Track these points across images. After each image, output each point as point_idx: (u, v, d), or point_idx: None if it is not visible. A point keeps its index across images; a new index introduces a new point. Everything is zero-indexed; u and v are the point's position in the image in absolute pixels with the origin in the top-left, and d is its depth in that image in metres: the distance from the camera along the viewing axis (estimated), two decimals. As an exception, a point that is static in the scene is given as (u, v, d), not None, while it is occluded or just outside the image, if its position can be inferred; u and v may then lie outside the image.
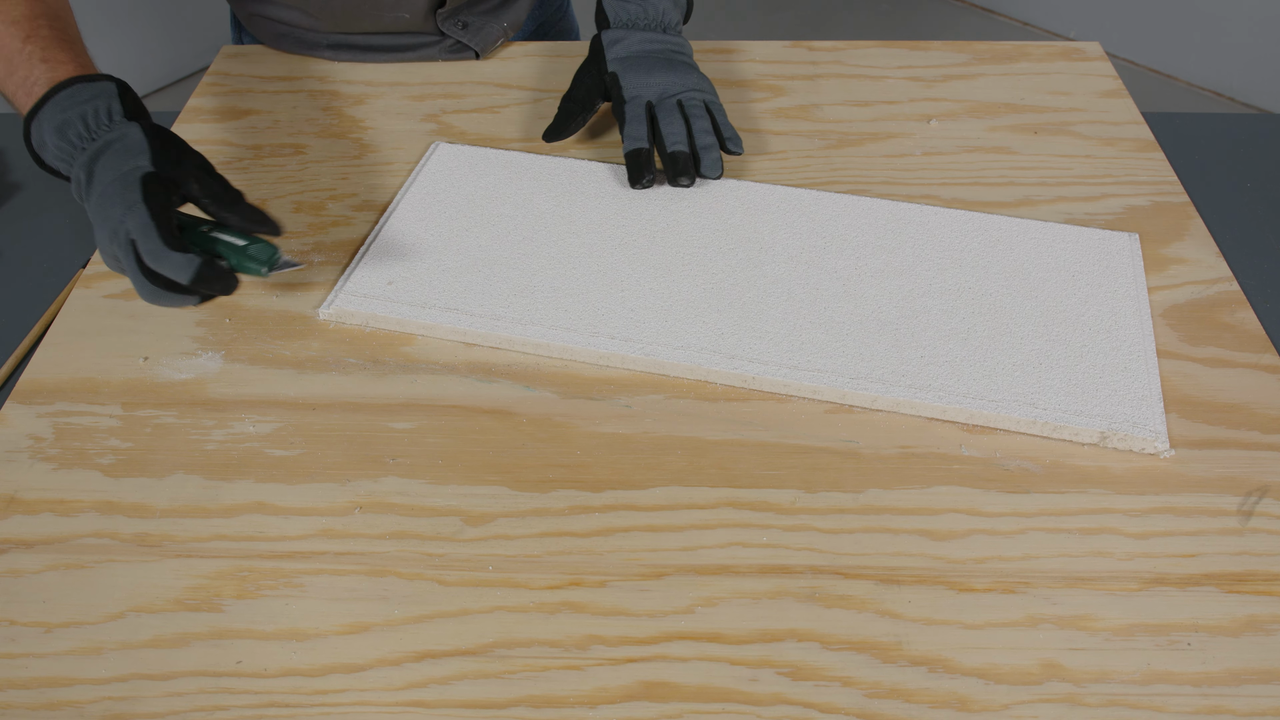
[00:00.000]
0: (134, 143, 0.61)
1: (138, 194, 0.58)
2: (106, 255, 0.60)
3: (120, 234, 0.58)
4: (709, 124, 0.75)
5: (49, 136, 0.62)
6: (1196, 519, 0.55)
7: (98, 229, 0.60)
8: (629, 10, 0.80)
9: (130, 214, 0.58)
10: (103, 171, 0.60)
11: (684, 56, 0.80)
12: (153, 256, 0.57)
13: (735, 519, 0.55)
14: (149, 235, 0.57)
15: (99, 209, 0.59)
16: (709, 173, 0.74)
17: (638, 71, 0.77)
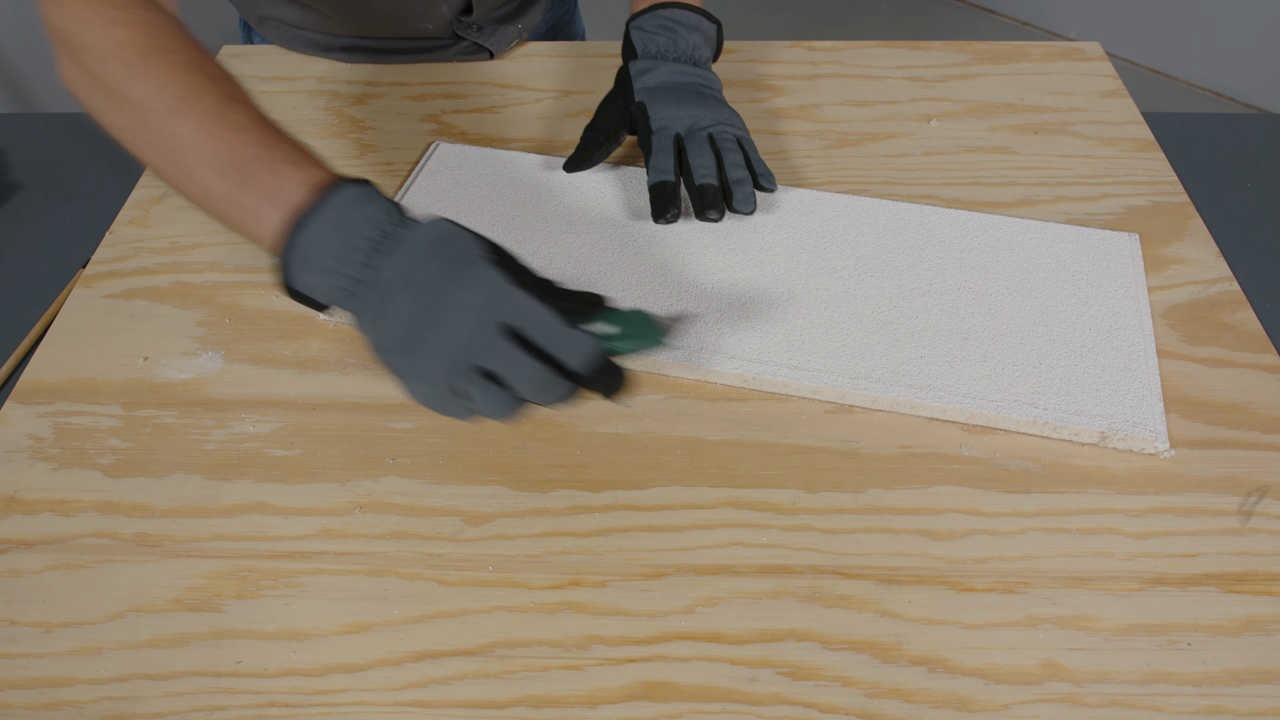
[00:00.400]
0: (448, 231, 0.50)
1: (498, 275, 0.48)
2: (439, 372, 0.47)
3: (483, 329, 0.47)
4: (741, 158, 0.71)
5: (322, 240, 0.50)
6: (1196, 519, 0.55)
7: (430, 335, 0.47)
8: (658, 42, 0.76)
9: (501, 299, 0.47)
10: (422, 265, 0.49)
11: (714, 91, 0.76)
12: (551, 337, 0.47)
13: (735, 519, 0.55)
14: (540, 314, 0.47)
15: (426, 310, 0.48)
16: (741, 207, 0.69)
17: (667, 103, 0.73)
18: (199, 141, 0.53)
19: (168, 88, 0.54)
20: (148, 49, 0.55)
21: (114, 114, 0.56)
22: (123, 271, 0.71)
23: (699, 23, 0.77)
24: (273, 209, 0.52)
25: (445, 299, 0.48)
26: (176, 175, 0.55)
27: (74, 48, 0.57)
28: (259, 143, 0.53)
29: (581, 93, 0.89)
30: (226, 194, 0.53)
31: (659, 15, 0.76)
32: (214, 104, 0.54)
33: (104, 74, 0.55)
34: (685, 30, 0.76)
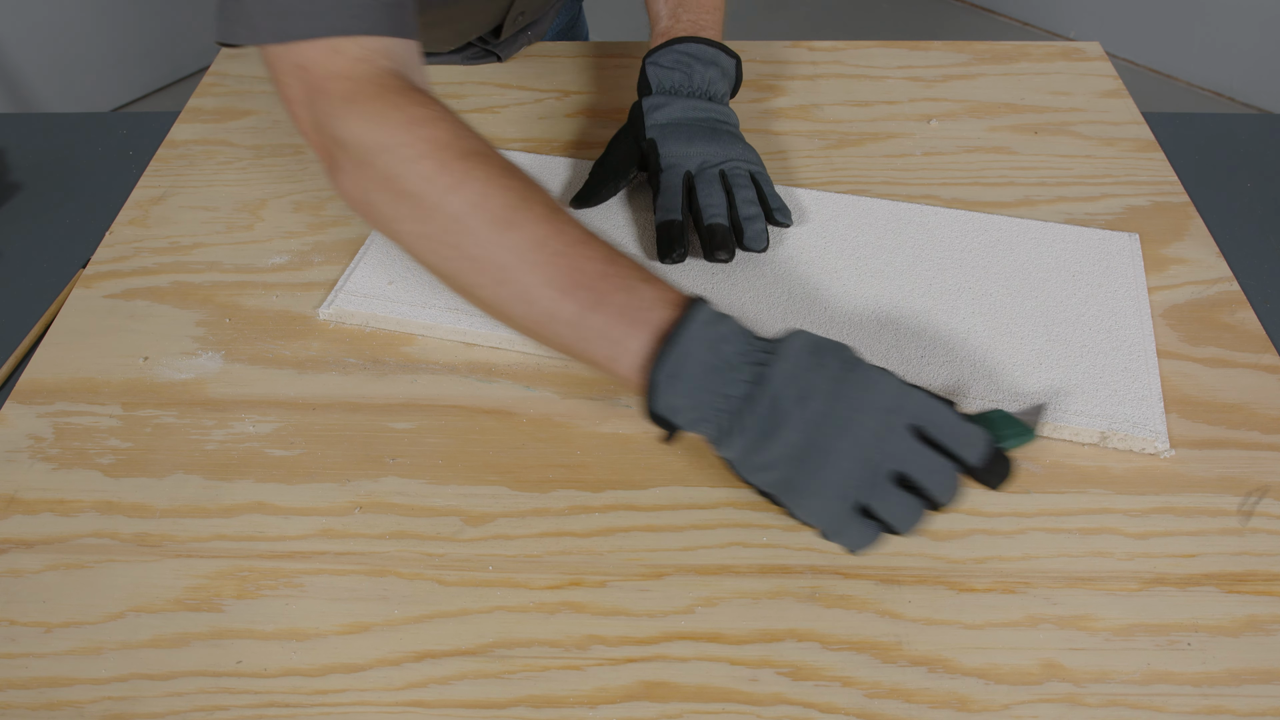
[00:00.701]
0: (818, 338, 0.50)
1: (892, 376, 0.48)
2: (846, 483, 0.47)
3: (894, 431, 0.47)
4: (754, 194, 0.69)
5: (697, 360, 0.48)
6: (1196, 519, 0.55)
7: (835, 444, 0.46)
8: (674, 78, 0.73)
9: (906, 398, 0.47)
10: (811, 373, 0.47)
11: (730, 126, 0.73)
12: (953, 434, 0.47)
13: (735, 519, 0.55)
14: (941, 411, 0.47)
15: (824, 419, 0.47)
16: (753, 245, 0.67)
17: (678, 140, 0.70)
18: (536, 256, 0.49)
19: (492, 195, 0.49)
20: (463, 150, 0.51)
21: (418, 223, 0.51)
22: (123, 271, 0.71)
23: (717, 57, 0.74)
24: (632, 329, 0.49)
25: (847, 404, 0.47)
26: (501, 293, 0.50)
27: (370, 151, 0.51)
28: (603, 258, 0.50)
29: (582, 93, 0.89)
30: (571, 314, 0.49)
31: (675, 50, 0.74)
32: (545, 214, 0.50)
33: (411, 179, 0.50)
34: (701, 65, 0.74)
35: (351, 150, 0.53)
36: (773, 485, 0.49)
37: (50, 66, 2.06)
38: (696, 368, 0.48)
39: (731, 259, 0.67)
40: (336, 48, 0.53)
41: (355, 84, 0.53)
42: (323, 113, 0.53)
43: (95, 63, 2.12)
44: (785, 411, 0.47)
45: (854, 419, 0.47)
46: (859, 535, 0.48)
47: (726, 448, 0.49)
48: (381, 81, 0.53)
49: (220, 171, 0.80)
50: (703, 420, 0.49)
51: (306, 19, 0.53)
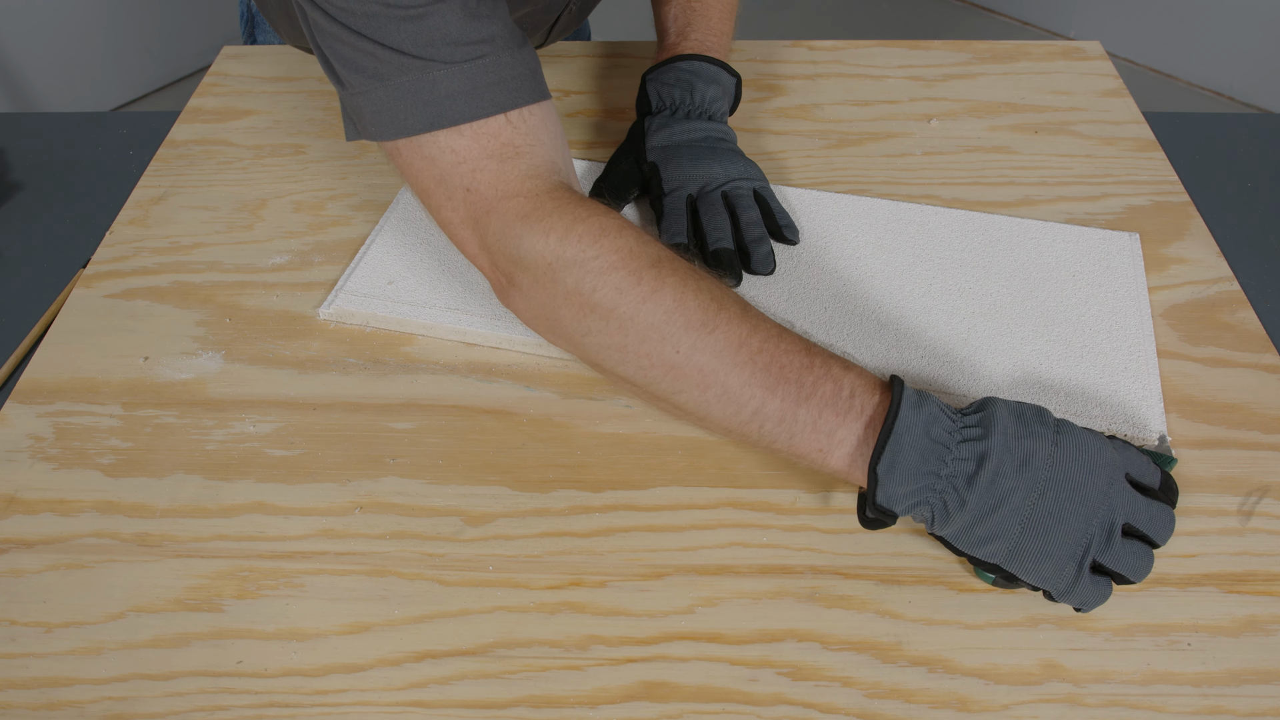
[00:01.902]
0: (1014, 403, 0.50)
1: (1098, 433, 0.50)
2: (1078, 542, 0.47)
3: (1118, 485, 0.48)
4: (757, 214, 0.69)
5: (915, 444, 0.48)
6: (1196, 519, 0.55)
7: (1068, 506, 0.46)
8: (674, 96, 0.73)
9: (1117, 453, 0.49)
10: (1024, 440, 0.47)
11: (729, 144, 0.73)
12: (1151, 478, 0.49)
13: (735, 519, 0.55)
14: (1141, 458, 0.49)
15: (1051, 485, 0.47)
16: (760, 269, 0.66)
17: (679, 162, 0.70)
18: (737, 357, 0.49)
19: (687, 300, 0.49)
20: (652, 258, 0.50)
21: (610, 335, 0.50)
22: (123, 271, 0.71)
23: (718, 75, 0.74)
24: (842, 420, 0.49)
25: (1069, 466, 0.47)
26: (704, 397, 0.50)
27: (556, 268, 0.51)
28: (802, 349, 0.50)
29: (583, 92, 0.89)
30: (778, 410, 0.49)
31: (677, 68, 0.74)
32: (739, 314, 0.50)
33: (604, 291, 0.50)
34: (702, 84, 0.73)
35: (533, 268, 0.52)
36: (999, 555, 0.48)
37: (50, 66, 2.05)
38: (913, 454, 0.48)
39: (738, 285, 0.67)
40: (515, 146, 0.53)
41: (531, 201, 0.52)
42: (497, 233, 0.53)
43: (95, 63, 2.12)
44: (1008, 482, 0.47)
45: (1079, 480, 0.47)
46: (1093, 593, 0.48)
47: (946, 525, 0.49)
48: (556, 195, 0.53)
49: (220, 171, 0.80)
50: (921, 504, 0.49)
51: (466, 101, 0.52)
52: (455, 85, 0.52)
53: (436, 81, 0.52)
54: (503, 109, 0.53)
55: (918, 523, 0.51)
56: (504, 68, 0.53)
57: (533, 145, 0.54)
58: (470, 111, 0.52)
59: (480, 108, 0.52)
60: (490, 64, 0.52)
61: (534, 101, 0.55)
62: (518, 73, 0.54)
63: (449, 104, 0.52)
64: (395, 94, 0.52)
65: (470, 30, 0.52)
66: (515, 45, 0.54)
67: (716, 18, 0.78)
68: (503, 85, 0.53)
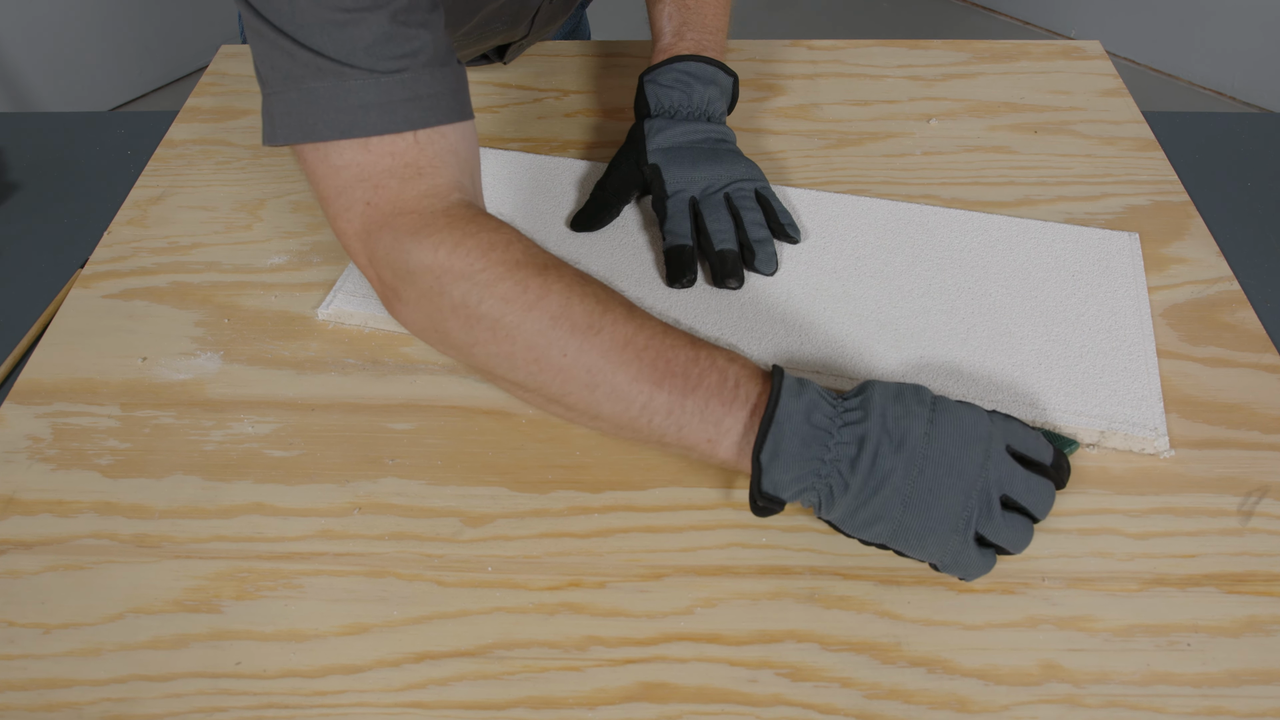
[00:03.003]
0: (892, 384, 0.51)
1: (977, 407, 0.51)
2: (962, 516, 0.48)
3: (998, 457, 0.49)
4: (760, 215, 0.69)
5: (797, 430, 0.49)
6: (1196, 519, 0.55)
7: (947, 480, 0.48)
8: (672, 97, 0.73)
9: (995, 425, 0.50)
10: (903, 421, 0.49)
11: (729, 145, 0.73)
12: (1035, 449, 0.51)
13: (735, 520, 0.55)
14: (1023, 429, 0.51)
15: (929, 461, 0.48)
16: (763, 268, 0.67)
17: (681, 164, 0.70)
18: (624, 355, 0.50)
19: (573, 304, 0.50)
20: (539, 266, 0.51)
21: (498, 344, 0.51)
22: (121, 272, 0.71)
23: (715, 76, 0.74)
24: (728, 408, 0.50)
25: (946, 441, 0.48)
26: (592, 396, 0.50)
27: (443, 280, 0.51)
28: (688, 344, 0.51)
29: (582, 92, 0.89)
30: (666, 403, 0.50)
31: (675, 69, 0.74)
32: (625, 314, 0.51)
33: (489, 302, 0.51)
34: (700, 85, 0.73)
35: (420, 282, 0.52)
36: (884, 535, 0.49)
37: (49, 66, 2.05)
38: (795, 441, 0.49)
39: (741, 286, 0.67)
40: (419, 166, 0.53)
41: (425, 218, 0.52)
42: (387, 247, 0.53)
43: (94, 62, 2.12)
44: (887, 463, 0.48)
45: (955, 454, 0.48)
46: (977, 564, 0.49)
47: (832, 510, 0.50)
48: (451, 212, 0.53)
49: (219, 171, 0.80)
50: (808, 490, 0.50)
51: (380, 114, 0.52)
52: (369, 96, 0.52)
53: (351, 90, 0.51)
54: (413, 127, 0.53)
55: (806, 508, 0.52)
56: (422, 84, 0.53)
57: (437, 166, 0.54)
58: (380, 125, 0.52)
59: (391, 123, 0.52)
60: (408, 79, 0.53)
61: (449, 122, 0.54)
62: (436, 91, 0.54)
63: (360, 115, 0.52)
64: (308, 97, 0.52)
65: (394, 42, 0.52)
66: (439, 63, 0.54)
67: (711, 15, 0.78)
68: (417, 102, 0.53)
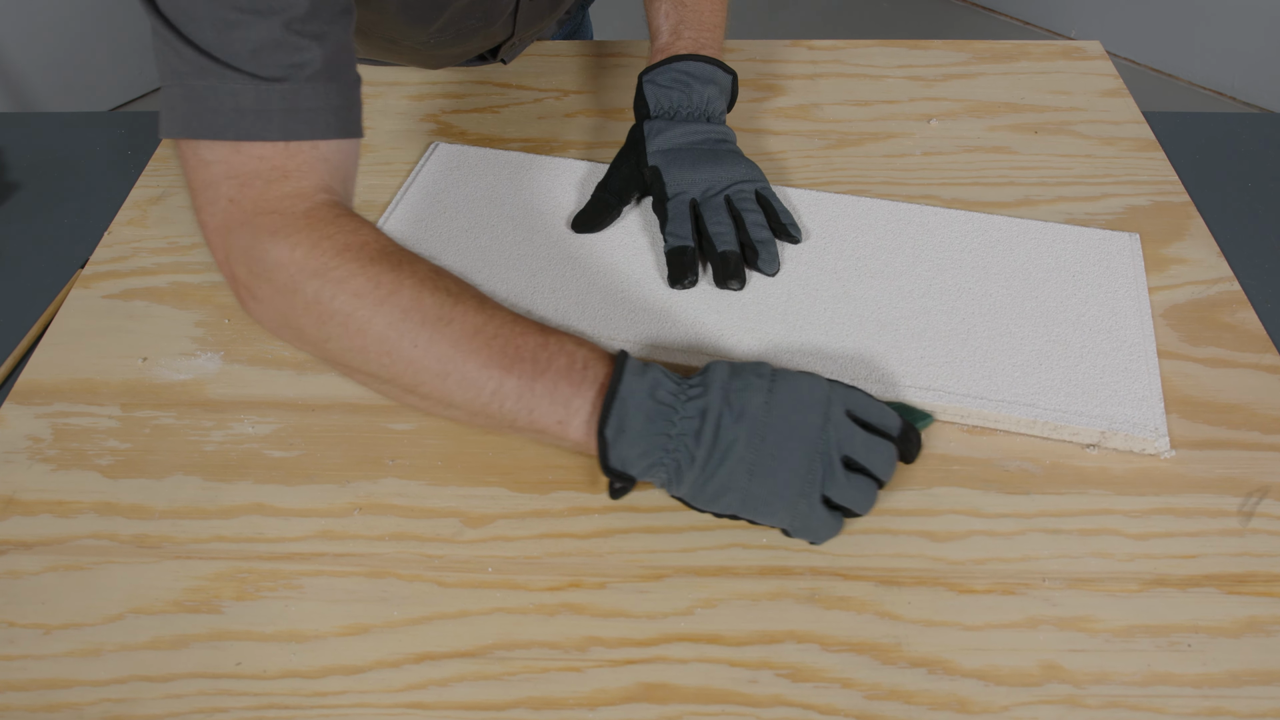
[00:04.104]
0: (734, 362, 0.53)
1: (817, 376, 0.53)
2: (806, 479, 0.50)
3: (837, 420, 0.51)
4: (762, 215, 0.69)
5: (639, 407, 0.50)
6: (1197, 520, 0.55)
7: (788, 445, 0.50)
8: (672, 98, 0.73)
9: (834, 390, 0.52)
10: (741, 392, 0.51)
11: (729, 145, 0.73)
12: (876, 415, 0.53)
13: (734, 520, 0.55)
14: (861, 395, 0.53)
15: (769, 428, 0.50)
16: (766, 269, 0.67)
17: (681, 166, 0.71)
18: (474, 343, 0.51)
19: (424, 297, 0.51)
20: (392, 263, 0.52)
21: (350, 339, 0.52)
22: (121, 272, 0.71)
23: (714, 75, 0.74)
24: (577, 389, 0.51)
25: (785, 408, 0.50)
26: (444, 385, 0.51)
27: (296, 279, 0.52)
28: (538, 331, 0.52)
29: (581, 92, 0.89)
30: (516, 387, 0.51)
31: (674, 69, 0.74)
32: (476, 305, 0.52)
33: (341, 298, 0.51)
34: (700, 84, 0.73)
35: (275, 280, 0.53)
36: (733, 506, 0.51)
37: (50, 66, 2.05)
38: (639, 417, 0.50)
39: (743, 287, 0.67)
40: (285, 169, 0.54)
41: (285, 218, 0.53)
42: (245, 245, 0.53)
43: (94, 62, 2.12)
44: (729, 433, 0.50)
45: (796, 419, 0.50)
46: (825, 526, 0.52)
47: (681, 485, 0.52)
48: (313, 214, 0.53)
49: (219, 172, 0.80)
50: (655, 465, 0.51)
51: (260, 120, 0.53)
52: (246, 101, 0.52)
53: (230, 93, 0.52)
54: (286, 137, 0.53)
55: (659, 487, 0.53)
56: (303, 97, 0.53)
57: (305, 171, 0.54)
58: (253, 131, 0.52)
59: (264, 130, 0.53)
60: (289, 89, 0.53)
61: (325, 137, 0.54)
62: (317, 105, 0.54)
63: (234, 118, 0.52)
64: (188, 95, 0.52)
65: (282, 50, 0.52)
66: (327, 78, 0.54)
67: (708, 12, 0.78)
68: (295, 114, 0.53)
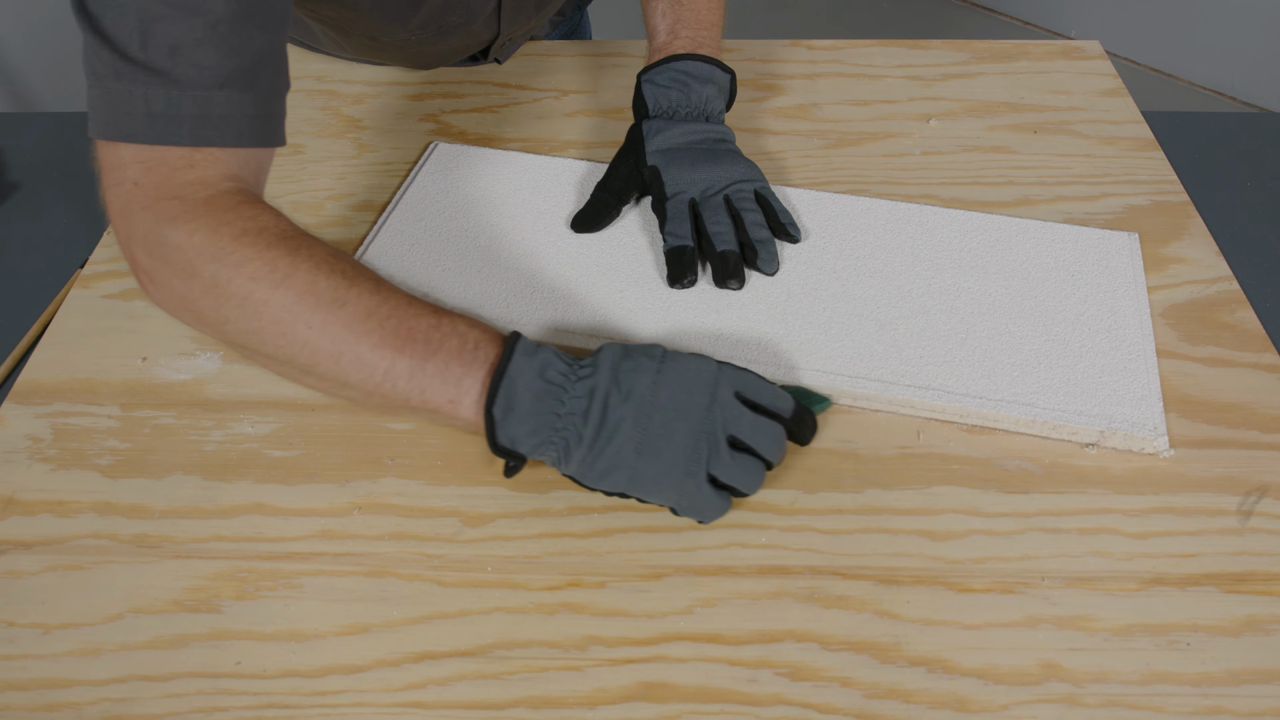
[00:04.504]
0: (624, 344, 0.55)
1: (707, 358, 0.54)
2: (691, 458, 0.51)
3: (724, 400, 0.52)
4: (761, 215, 0.69)
5: (529, 386, 0.51)
6: (1196, 519, 0.55)
7: (674, 424, 0.51)
8: (670, 97, 0.73)
9: (722, 371, 0.53)
10: (630, 373, 0.52)
11: (728, 145, 0.73)
12: (766, 396, 0.54)
13: (734, 519, 0.55)
14: (751, 376, 0.54)
15: (657, 407, 0.51)
16: (765, 268, 0.68)
17: (680, 165, 0.71)
18: (367, 325, 0.52)
19: (319, 280, 0.52)
20: (290, 247, 0.53)
21: (247, 321, 0.52)
22: (121, 272, 0.71)
23: (713, 74, 0.74)
24: (468, 369, 0.52)
25: (673, 389, 0.52)
26: (338, 365, 0.52)
27: (195, 263, 0.52)
28: (431, 312, 0.53)
29: (581, 92, 0.89)
30: (408, 367, 0.52)
31: (672, 68, 0.74)
32: (372, 288, 0.53)
33: (238, 281, 0.52)
34: (698, 84, 0.73)
35: (174, 263, 0.53)
36: (621, 484, 0.52)
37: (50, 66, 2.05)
38: (527, 396, 0.51)
39: (742, 287, 0.67)
40: (193, 159, 0.54)
41: (187, 204, 0.53)
42: (146, 228, 0.53)
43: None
44: (616, 412, 0.51)
45: (683, 399, 0.52)
46: (711, 506, 0.53)
47: (569, 464, 0.52)
48: (215, 200, 0.54)
49: (219, 172, 0.80)
50: (544, 443, 0.52)
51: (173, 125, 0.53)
52: (157, 106, 0.52)
53: (144, 97, 0.52)
54: (196, 143, 0.54)
55: (551, 465, 0.53)
56: (216, 104, 0.53)
57: (210, 163, 0.54)
58: (163, 136, 0.53)
59: (174, 135, 0.53)
60: (201, 96, 0.53)
61: (236, 145, 0.55)
62: (230, 113, 0.54)
63: (146, 122, 0.53)
64: (105, 96, 0.53)
65: (202, 52, 0.52)
66: (244, 86, 0.54)
67: (705, 10, 0.78)
68: (206, 121, 0.53)
